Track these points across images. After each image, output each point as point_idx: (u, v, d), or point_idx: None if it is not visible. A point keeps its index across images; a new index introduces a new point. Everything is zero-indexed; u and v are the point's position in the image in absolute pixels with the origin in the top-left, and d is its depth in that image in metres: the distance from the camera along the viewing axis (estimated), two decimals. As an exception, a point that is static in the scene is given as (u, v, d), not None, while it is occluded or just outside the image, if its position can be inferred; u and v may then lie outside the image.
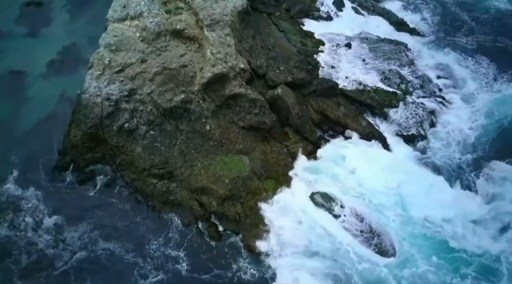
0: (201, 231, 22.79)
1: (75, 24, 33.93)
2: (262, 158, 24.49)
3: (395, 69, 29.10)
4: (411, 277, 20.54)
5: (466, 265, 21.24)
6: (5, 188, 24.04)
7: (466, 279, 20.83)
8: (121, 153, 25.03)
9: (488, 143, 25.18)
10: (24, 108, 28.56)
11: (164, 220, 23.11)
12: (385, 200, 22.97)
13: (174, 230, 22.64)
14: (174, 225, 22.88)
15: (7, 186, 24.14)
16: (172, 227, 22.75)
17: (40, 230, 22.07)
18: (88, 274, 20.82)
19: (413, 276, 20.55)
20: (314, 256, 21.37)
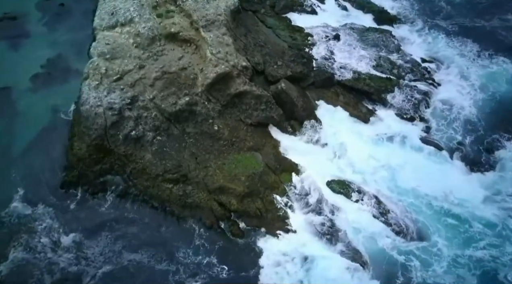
0: (224, 230, 22.60)
1: (55, 36, 32.93)
2: (274, 152, 24.71)
3: (385, 56, 30.06)
4: (433, 256, 21.20)
5: (477, 239, 22.07)
6: (13, 207, 23.13)
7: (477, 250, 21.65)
8: (131, 161, 24.55)
9: (488, 116, 26.33)
10: (16, 125, 27.47)
11: (185, 224, 22.94)
12: (398, 181, 23.68)
13: (197, 233, 22.50)
14: (196, 227, 22.75)
15: (14, 204, 23.24)
16: (195, 230, 22.61)
17: (59, 249, 21.39)
18: (120, 286, 20.35)
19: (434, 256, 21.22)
20: (338, 243, 21.63)
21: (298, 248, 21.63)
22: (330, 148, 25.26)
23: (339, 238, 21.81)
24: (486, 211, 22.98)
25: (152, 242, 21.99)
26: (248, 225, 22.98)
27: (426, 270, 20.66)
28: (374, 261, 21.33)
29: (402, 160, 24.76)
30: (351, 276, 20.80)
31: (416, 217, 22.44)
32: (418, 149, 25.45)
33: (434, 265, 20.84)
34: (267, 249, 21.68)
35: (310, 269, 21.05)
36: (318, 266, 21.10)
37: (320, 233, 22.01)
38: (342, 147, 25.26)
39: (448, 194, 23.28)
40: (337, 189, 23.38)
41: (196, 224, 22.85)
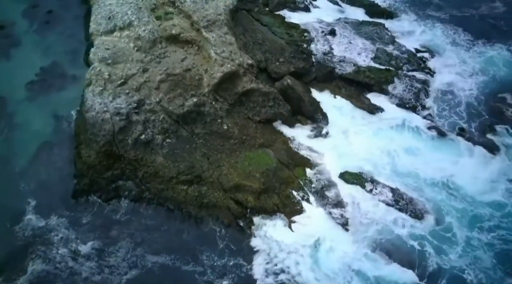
0: (243, 228, 22.71)
1: (47, 43, 32.38)
2: (285, 147, 25.02)
3: (381, 48, 30.76)
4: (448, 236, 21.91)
5: (486, 220, 22.86)
6: (26, 220, 22.83)
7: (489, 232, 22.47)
8: (142, 166, 24.45)
9: (489, 99, 27.41)
10: (18, 136, 27.03)
11: (204, 224, 23.06)
12: (407, 168, 24.37)
13: (217, 232, 22.60)
14: (215, 227, 22.84)
15: (28, 217, 22.95)
16: (214, 229, 22.70)
17: (80, 258, 21.20)
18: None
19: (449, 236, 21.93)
20: (356, 231, 22.09)
21: (317, 239, 21.96)
22: (339, 140, 25.75)
23: (356, 227, 22.21)
24: (492, 193, 23.75)
25: (174, 244, 22.03)
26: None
27: (443, 254, 21.33)
28: (391, 247, 21.78)
29: (410, 147, 25.52)
30: (370, 263, 21.26)
31: (428, 201, 23.04)
32: (423, 136, 26.22)
33: (450, 248, 21.52)
34: (286, 242, 21.84)
35: (329, 258, 21.45)
36: (336, 255, 21.52)
37: (338, 223, 22.41)
38: (351, 138, 25.78)
39: (455, 178, 24.05)
40: (351, 180, 23.86)
41: (215, 223, 22.98)
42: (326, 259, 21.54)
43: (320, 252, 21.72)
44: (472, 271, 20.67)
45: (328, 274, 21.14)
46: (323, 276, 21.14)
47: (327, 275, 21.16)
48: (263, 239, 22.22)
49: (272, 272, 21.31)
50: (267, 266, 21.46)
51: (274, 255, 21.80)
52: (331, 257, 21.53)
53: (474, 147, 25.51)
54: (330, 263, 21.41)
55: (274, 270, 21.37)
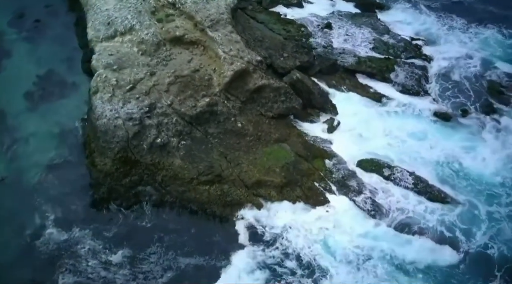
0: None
1: (40, 52, 31.69)
2: (300, 140, 25.50)
3: (378, 38, 31.76)
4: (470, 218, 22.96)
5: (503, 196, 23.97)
6: (47, 234, 22.45)
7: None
8: (160, 169, 24.44)
9: (489, 80, 28.93)
10: (24, 150, 26.37)
11: (230, 222, 23.12)
12: (419, 152, 25.35)
13: (245, 228, 22.64)
14: (242, 223, 22.85)
15: (49, 231, 22.54)
16: (242, 225, 22.73)
17: (112, 267, 21.02)
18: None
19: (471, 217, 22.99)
20: (382, 217, 22.83)
21: (347, 228, 22.55)
22: (351, 129, 26.40)
23: (382, 213, 22.96)
24: (504, 172, 24.74)
25: (204, 244, 22.16)
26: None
27: (467, 232, 22.24)
28: (417, 229, 22.59)
29: (419, 132, 26.51)
30: (398, 246, 21.99)
31: (443, 184, 24.00)
32: (430, 120, 27.22)
33: (473, 225, 22.48)
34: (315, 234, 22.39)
35: (362, 245, 22.04)
36: (369, 241, 22.14)
37: (364, 211, 23.08)
38: (362, 127, 26.51)
39: (465, 160, 25.09)
40: (369, 168, 24.60)
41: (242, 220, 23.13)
42: (355, 244, 22.17)
43: (351, 240, 22.29)
44: (495, 245, 21.68)
45: (359, 257, 21.77)
46: (355, 257, 21.79)
47: (357, 257, 21.80)
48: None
49: (300, 261, 21.81)
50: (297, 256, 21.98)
51: (302, 245, 22.27)
52: (364, 243, 22.15)
53: (479, 128, 26.67)
54: (364, 250, 22.03)
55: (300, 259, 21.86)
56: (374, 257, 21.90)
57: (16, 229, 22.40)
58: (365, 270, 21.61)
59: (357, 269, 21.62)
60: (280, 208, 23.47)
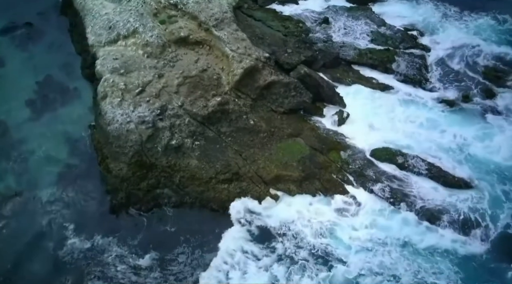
0: (291, 215, 23.57)
1: (36, 58, 31.42)
2: (314, 134, 25.96)
3: (375, 30, 32.50)
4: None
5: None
6: (70, 244, 22.37)
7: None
8: (176, 171, 24.61)
9: (488, 64, 30.05)
10: (33, 163, 26.21)
11: (252, 217, 23.42)
12: (428, 139, 26.19)
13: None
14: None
15: (71, 241, 22.44)
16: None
17: (142, 271, 21.06)
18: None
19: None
20: (402, 203, 23.52)
21: (367, 216, 23.16)
22: (361, 121, 27.00)
23: (401, 200, 23.62)
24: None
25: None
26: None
27: (489, 215, 23.03)
28: (437, 214, 23.29)
29: (426, 119, 27.20)
30: (420, 233, 22.74)
31: (457, 169, 24.80)
32: (434, 107, 27.97)
33: (494, 208, 23.24)
34: (339, 225, 22.93)
35: (382, 232, 22.70)
36: (389, 228, 22.83)
37: (383, 199, 23.73)
38: (370, 118, 27.14)
39: (474, 145, 25.96)
40: (383, 157, 25.26)
41: (262, 215, 23.56)
42: (379, 231, 22.84)
43: (374, 227, 22.96)
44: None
45: (385, 244, 22.45)
46: (379, 245, 22.42)
47: (384, 244, 22.48)
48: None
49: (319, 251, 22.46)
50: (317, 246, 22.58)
51: (323, 236, 22.83)
52: (391, 230, 22.91)
53: (483, 112, 27.65)
54: (382, 235, 22.70)
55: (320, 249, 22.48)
56: (394, 243, 22.59)
57: (37, 242, 22.33)
58: (384, 256, 22.25)
59: (374, 255, 22.25)
60: (299, 201, 23.92)
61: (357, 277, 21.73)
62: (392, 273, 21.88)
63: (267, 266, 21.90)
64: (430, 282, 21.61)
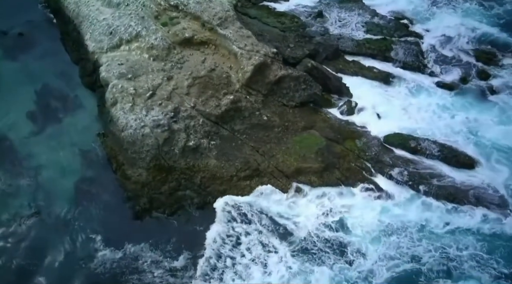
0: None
1: (32, 68, 30.43)
2: (327, 125, 26.59)
3: (369, 21, 33.58)
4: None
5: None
6: (100, 256, 22.10)
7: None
8: (196, 172, 24.77)
9: (481, 47, 31.65)
10: (46, 179, 25.23)
11: (275, 211, 23.90)
12: (436, 122, 27.36)
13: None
14: (289, 210, 23.88)
15: (101, 253, 22.19)
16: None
17: (178, 272, 21.15)
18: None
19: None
20: (420, 185, 24.47)
21: (389, 201, 23.99)
22: (369, 109, 27.83)
23: (420, 182, 24.52)
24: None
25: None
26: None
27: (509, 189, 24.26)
28: (457, 194, 24.21)
29: (430, 104, 28.36)
30: (444, 213, 23.72)
31: (468, 148, 25.97)
32: (436, 92, 29.19)
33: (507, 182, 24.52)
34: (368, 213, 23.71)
35: (409, 214, 23.70)
36: (414, 210, 23.76)
37: (401, 182, 24.56)
38: (378, 106, 28.03)
39: (481, 122, 27.25)
40: (396, 142, 26.16)
41: (289, 209, 24.01)
42: (399, 215, 23.69)
43: (392, 211, 23.79)
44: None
45: (405, 228, 23.30)
46: (399, 230, 23.25)
47: (404, 227, 23.31)
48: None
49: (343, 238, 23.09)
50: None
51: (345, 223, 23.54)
52: (404, 212, 23.76)
53: (483, 93, 29.03)
54: (403, 219, 23.55)
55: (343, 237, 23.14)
56: (415, 226, 23.37)
57: (65, 258, 21.95)
58: (405, 239, 23.02)
59: (396, 239, 23.00)
60: (321, 192, 24.48)
61: (377, 261, 22.29)
62: (412, 255, 22.52)
63: (285, 258, 22.26)
64: (453, 258, 22.51)
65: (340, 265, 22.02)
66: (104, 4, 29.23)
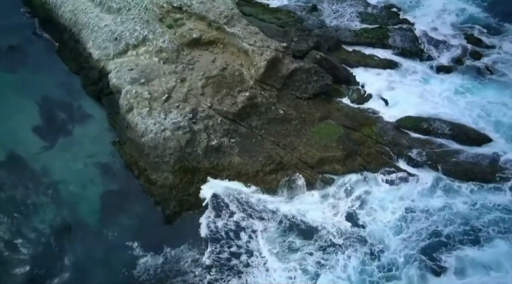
0: (345, 194, 24.96)
1: (30, 81, 29.55)
2: (342, 114, 27.39)
3: (362, 11, 34.78)
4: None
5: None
6: (141, 263, 21.97)
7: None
8: (221, 171, 25.08)
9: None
10: (66, 193, 24.57)
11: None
12: (444, 104, 28.72)
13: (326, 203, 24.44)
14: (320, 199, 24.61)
15: (142, 260, 22.03)
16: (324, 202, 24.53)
17: (220, 268, 21.57)
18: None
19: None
20: (439, 164, 25.61)
21: (413, 182, 25.06)
22: (377, 96, 28.88)
23: (438, 161, 25.63)
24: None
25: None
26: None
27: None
28: (475, 171, 25.42)
29: (433, 87, 29.74)
30: (463, 189, 24.97)
31: (478, 124, 27.46)
32: (437, 75, 30.66)
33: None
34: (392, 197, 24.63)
35: (430, 194, 24.81)
36: (435, 188, 24.95)
37: (422, 163, 25.63)
38: (385, 92, 29.14)
39: (480, 101, 28.82)
40: (408, 125, 27.24)
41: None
42: (424, 193, 24.81)
43: (416, 190, 24.88)
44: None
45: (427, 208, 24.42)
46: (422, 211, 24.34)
47: (426, 208, 24.41)
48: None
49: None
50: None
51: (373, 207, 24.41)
52: (428, 191, 24.91)
53: (479, 73, 30.68)
54: (429, 198, 24.68)
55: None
56: (437, 206, 24.43)
57: (107, 269, 21.70)
58: (432, 220, 24.04)
59: (422, 219, 24.08)
60: (346, 179, 25.22)
61: (402, 244, 23.17)
62: (435, 231, 23.58)
63: (309, 251, 22.83)
64: (478, 229, 23.74)
65: (364, 251, 22.76)
66: (103, 11, 28.93)
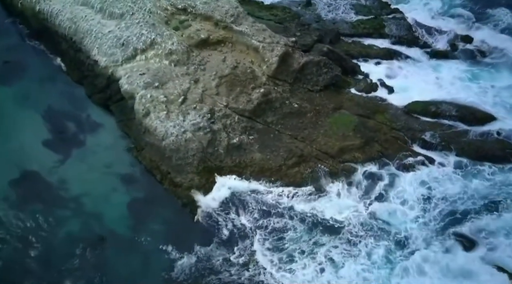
0: (367, 182, 25.65)
1: (30, 93, 29.12)
2: (354, 103, 28.10)
3: (355, 3, 35.68)
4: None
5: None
6: (179, 265, 22.21)
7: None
8: (244, 168, 25.39)
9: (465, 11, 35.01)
10: (90, 206, 24.40)
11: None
12: (448, 88, 29.84)
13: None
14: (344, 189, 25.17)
15: (179, 262, 22.17)
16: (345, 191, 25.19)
17: (250, 264, 22.19)
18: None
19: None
20: (451, 145, 26.69)
21: (429, 164, 26.04)
22: (384, 84, 29.70)
23: (450, 141, 26.67)
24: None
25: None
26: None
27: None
28: (487, 152, 26.48)
29: (433, 72, 30.90)
30: (478, 169, 26.15)
31: (484, 104, 28.64)
32: (435, 60, 31.82)
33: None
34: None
35: (447, 176, 25.84)
36: (450, 169, 26.01)
37: (436, 144, 26.63)
38: (389, 79, 30.06)
39: (481, 83, 30.13)
40: (418, 109, 28.23)
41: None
42: (442, 177, 25.78)
43: (434, 173, 25.86)
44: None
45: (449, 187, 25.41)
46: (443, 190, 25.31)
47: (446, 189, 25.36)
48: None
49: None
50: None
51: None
52: (446, 174, 25.90)
53: (476, 55, 32.10)
54: (447, 181, 25.60)
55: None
56: (458, 187, 25.40)
57: (147, 274, 21.82)
58: (452, 201, 24.93)
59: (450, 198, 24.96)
60: (367, 167, 25.91)
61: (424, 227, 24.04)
62: (458, 212, 24.63)
63: (327, 244, 23.39)
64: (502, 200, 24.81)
65: (389, 240, 23.43)
66: (105, 17, 28.64)
